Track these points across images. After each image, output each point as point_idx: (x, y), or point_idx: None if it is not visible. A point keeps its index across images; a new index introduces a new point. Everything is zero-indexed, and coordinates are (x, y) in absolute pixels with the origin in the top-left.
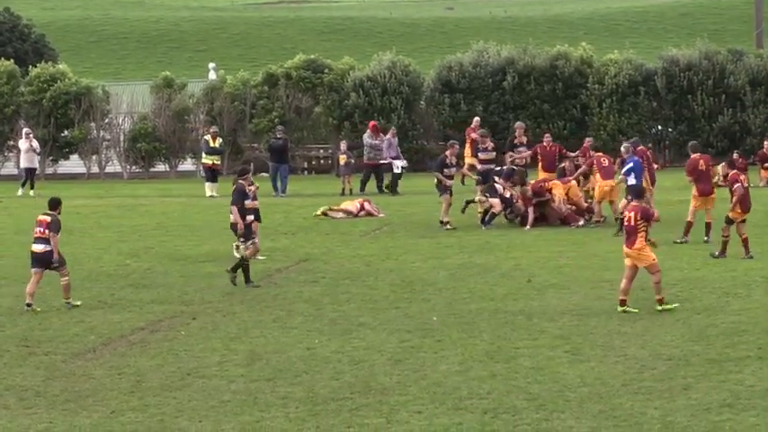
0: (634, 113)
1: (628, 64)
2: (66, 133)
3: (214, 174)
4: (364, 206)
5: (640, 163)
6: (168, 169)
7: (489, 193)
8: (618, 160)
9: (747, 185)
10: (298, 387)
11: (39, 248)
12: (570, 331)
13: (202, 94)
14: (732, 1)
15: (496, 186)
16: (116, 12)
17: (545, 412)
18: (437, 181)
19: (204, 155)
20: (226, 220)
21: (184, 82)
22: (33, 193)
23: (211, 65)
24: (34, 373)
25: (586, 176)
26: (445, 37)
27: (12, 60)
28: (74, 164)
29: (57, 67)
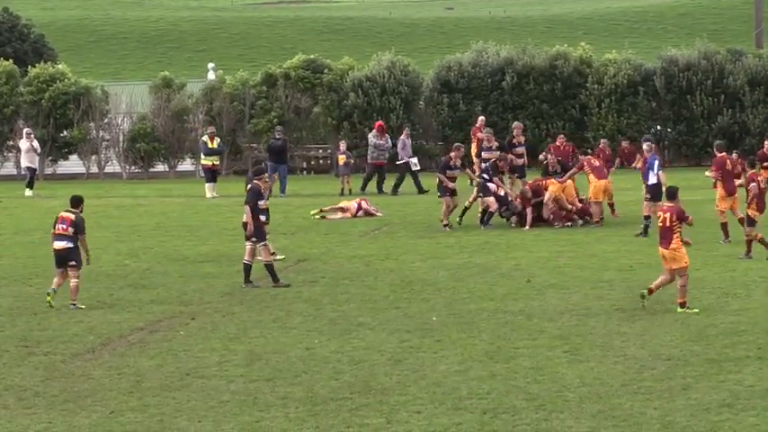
0: (633, 113)
1: (627, 64)
2: (65, 133)
3: (214, 174)
4: (362, 205)
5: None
6: (167, 169)
7: (483, 193)
8: (641, 159)
9: (764, 186)
10: (297, 387)
11: (60, 245)
12: (569, 331)
13: (201, 95)
14: (731, 1)
15: (489, 186)
16: (115, 12)
17: (544, 412)
18: (438, 181)
19: (203, 156)
20: (225, 221)
21: (183, 82)
22: (33, 194)
23: (210, 65)
24: (33, 374)
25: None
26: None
27: (11, 60)
28: (73, 164)
29: (56, 68)
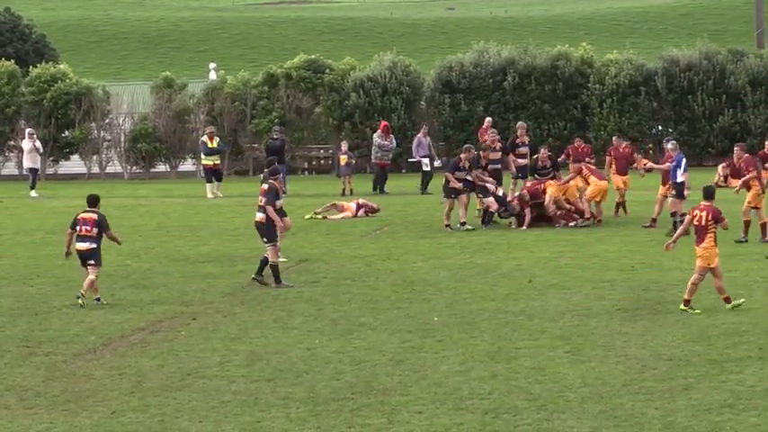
0: (634, 114)
1: (628, 64)
2: (66, 133)
3: (217, 174)
4: (360, 203)
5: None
6: (169, 170)
7: (483, 194)
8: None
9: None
10: (298, 387)
11: (83, 246)
12: (571, 331)
13: (203, 95)
14: (733, 1)
15: (488, 186)
16: (117, 12)
17: (546, 412)
18: (445, 181)
19: (204, 156)
20: (226, 221)
21: (185, 82)
22: (35, 194)
23: (212, 65)
24: (35, 374)
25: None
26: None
27: (12, 60)
28: (74, 164)
29: (57, 68)
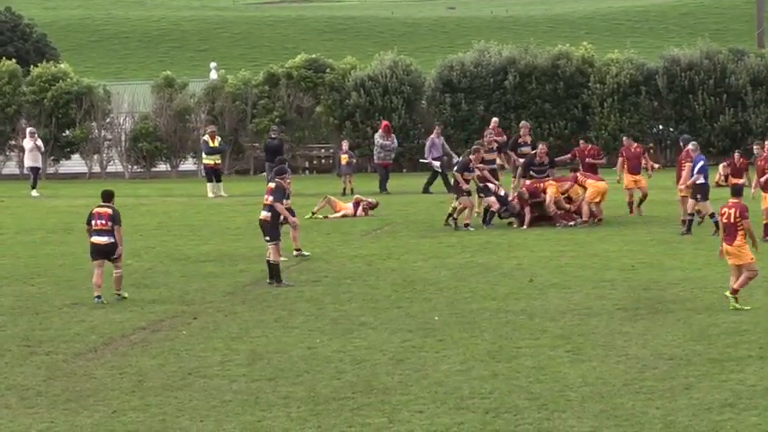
0: (635, 113)
1: (629, 63)
2: (67, 133)
3: (217, 173)
4: (356, 201)
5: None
6: (169, 169)
7: (484, 194)
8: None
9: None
10: (299, 387)
11: (102, 240)
12: (572, 331)
13: (204, 94)
14: (733, 1)
15: (489, 186)
16: (117, 11)
17: (546, 412)
18: (453, 181)
19: (204, 155)
20: (227, 220)
21: (186, 81)
22: (36, 193)
23: (213, 64)
24: (35, 373)
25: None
26: (446, 36)
27: (13, 60)
28: (75, 163)
29: (58, 67)
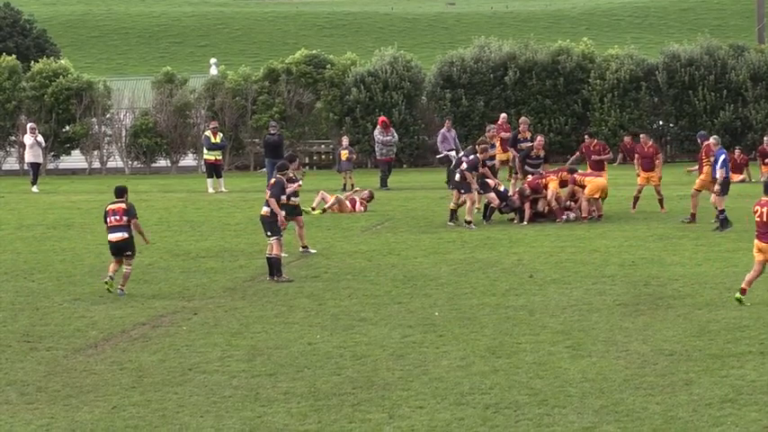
0: (635, 109)
1: (629, 59)
2: (67, 129)
3: (217, 169)
4: (352, 199)
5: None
6: (169, 165)
7: (483, 190)
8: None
9: (764, 181)
10: (299, 382)
11: (117, 237)
12: (572, 326)
13: (204, 90)
14: None
15: (488, 182)
16: (117, 7)
17: (546, 407)
18: (461, 178)
19: (206, 151)
20: (227, 216)
21: (186, 77)
22: (36, 189)
23: (213, 60)
24: (35, 369)
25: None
26: (446, 32)
27: (13, 56)
28: (75, 159)
29: (58, 63)
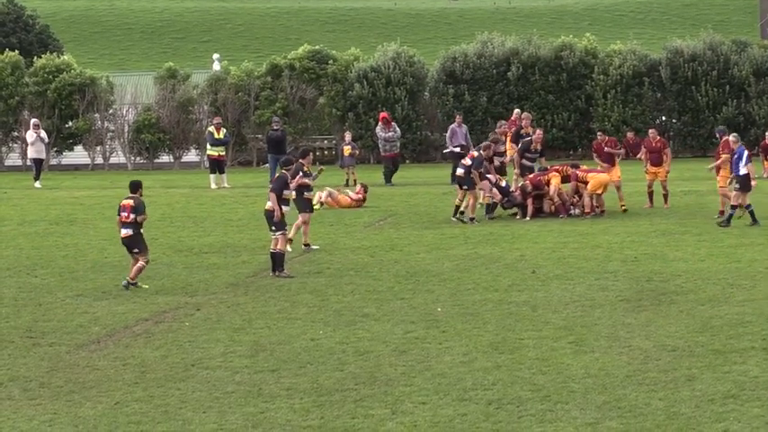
0: (638, 104)
1: (632, 55)
2: (70, 124)
3: (221, 165)
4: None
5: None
6: (172, 160)
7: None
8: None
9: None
10: (302, 378)
11: (123, 234)
12: (574, 322)
13: (206, 85)
14: None
15: (489, 177)
16: (120, 2)
17: (549, 403)
18: (466, 175)
19: (210, 146)
20: (230, 212)
21: (188, 73)
22: (39, 185)
23: (215, 56)
24: (38, 365)
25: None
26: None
27: (16, 51)
28: (78, 155)
29: (61, 58)
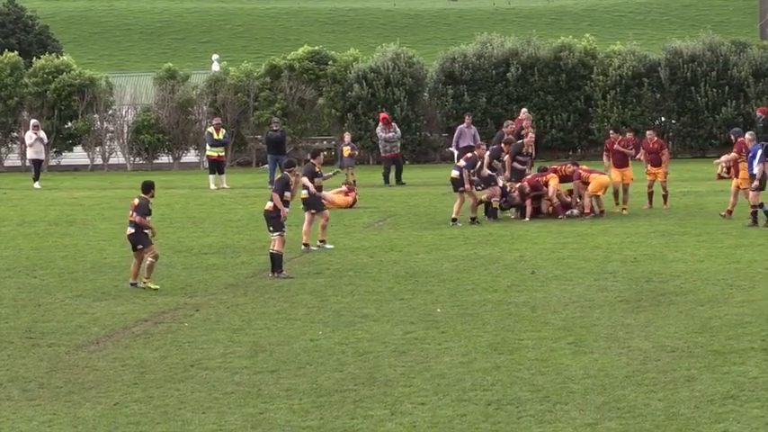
0: (638, 105)
1: (631, 55)
2: (69, 125)
3: (221, 166)
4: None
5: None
6: (171, 161)
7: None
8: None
9: None
10: (301, 379)
11: (128, 231)
12: (574, 323)
13: (206, 86)
14: None
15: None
16: (120, 3)
17: (548, 404)
18: (461, 176)
19: (209, 147)
20: (229, 212)
21: (188, 73)
22: (38, 185)
23: (215, 56)
24: (38, 365)
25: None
26: (449, 28)
27: (16, 52)
28: (77, 155)
29: (61, 59)
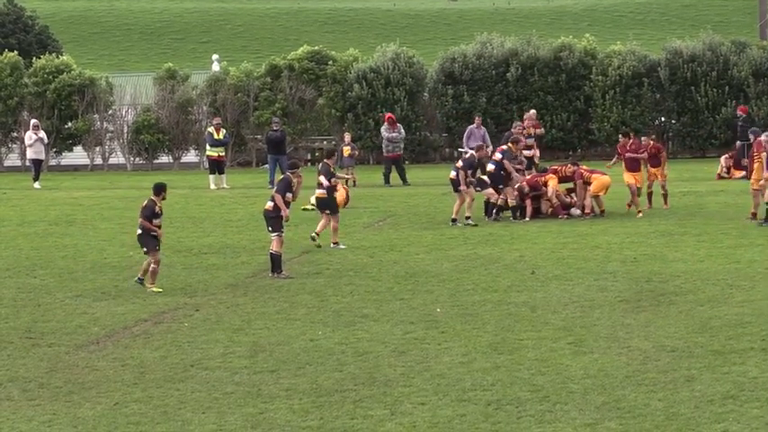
0: (637, 105)
1: (631, 55)
2: (69, 125)
3: (221, 166)
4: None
5: None
6: (171, 161)
7: (481, 187)
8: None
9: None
10: (301, 379)
11: (137, 232)
12: (574, 323)
13: (206, 86)
14: None
15: (484, 178)
16: (120, 3)
17: (548, 404)
18: (458, 177)
19: (209, 147)
20: (229, 212)
21: (188, 73)
22: (38, 185)
23: (215, 56)
24: (37, 365)
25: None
26: (449, 28)
27: (15, 52)
28: (77, 155)
29: (60, 59)
